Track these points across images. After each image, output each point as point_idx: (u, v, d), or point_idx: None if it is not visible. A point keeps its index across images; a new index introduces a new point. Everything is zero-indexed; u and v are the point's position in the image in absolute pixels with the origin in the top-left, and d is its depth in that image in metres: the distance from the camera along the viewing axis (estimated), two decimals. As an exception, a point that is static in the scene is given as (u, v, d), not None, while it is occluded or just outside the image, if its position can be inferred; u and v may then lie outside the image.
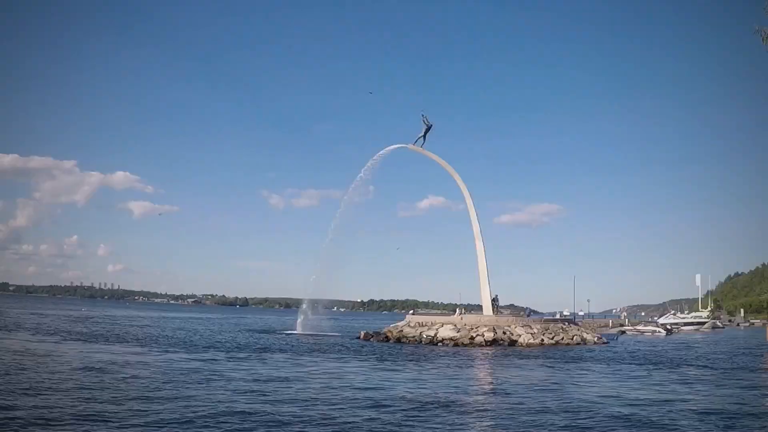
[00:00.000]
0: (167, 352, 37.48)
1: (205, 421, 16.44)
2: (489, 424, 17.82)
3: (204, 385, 23.28)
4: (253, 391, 22.24)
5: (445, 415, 18.93)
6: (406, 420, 17.79)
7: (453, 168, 63.46)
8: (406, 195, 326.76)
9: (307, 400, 20.56)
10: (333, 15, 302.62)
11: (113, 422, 15.87)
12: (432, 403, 20.69)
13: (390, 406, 20.00)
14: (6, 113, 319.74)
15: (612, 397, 23.55)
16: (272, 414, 17.89)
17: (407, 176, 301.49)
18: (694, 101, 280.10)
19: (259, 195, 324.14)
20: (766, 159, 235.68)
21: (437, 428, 16.91)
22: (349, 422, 17.11)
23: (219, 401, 19.58)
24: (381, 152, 66.62)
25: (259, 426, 16.34)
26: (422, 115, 63.74)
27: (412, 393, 23.10)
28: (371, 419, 17.71)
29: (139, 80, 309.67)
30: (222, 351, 39.59)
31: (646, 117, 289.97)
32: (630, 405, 21.45)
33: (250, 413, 17.83)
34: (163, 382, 23.41)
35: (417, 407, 19.87)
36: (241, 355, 37.41)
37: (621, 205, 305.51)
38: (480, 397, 23.36)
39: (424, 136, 63.17)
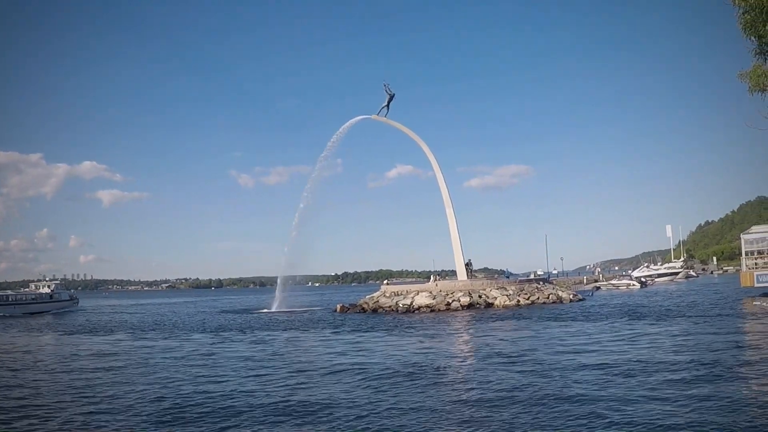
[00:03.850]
0: (144, 338, 36.52)
1: (185, 400, 15.76)
2: (477, 385, 17.33)
3: (192, 367, 23.00)
4: (238, 370, 21.87)
5: (433, 379, 18.75)
6: (393, 387, 17.49)
7: (418, 135, 63.16)
8: (375, 166, 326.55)
9: (290, 375, 20.06)
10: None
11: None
12: (417, 369, 20.35)
13: (374, 374, 19.52)
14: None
15: (595, 352, 23.28)
16: (259, 389, 17.38)
17: (375, 147, 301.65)
18: (657, 52, 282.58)
19: (227, 175, 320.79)
20: (732, 106, 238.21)
21: (428, 392, 16.66)
22: (338, 392, 16.52)
23: (205, 380, 18.86)
24: (345, 125, 66.30)
25: (248, 401, 15.91)
26: (384, 85, 63.70)
27: (396, 361, 22.72)
28: (358, 388, 17.32)
29: (99, 68, 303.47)
30: (201, 333, 39.00)
31: (608, 71, 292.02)
32: (614, 358, 21.15)
33: (237, 391, 17.28)
34: (146, 368, 22.92)
35: (403, 374, 19.53)
36: (225, 334, 37.16)
37: (589, 161, 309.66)
38: (463, 360, 22.92)
39: (388, 105, 63.20)
